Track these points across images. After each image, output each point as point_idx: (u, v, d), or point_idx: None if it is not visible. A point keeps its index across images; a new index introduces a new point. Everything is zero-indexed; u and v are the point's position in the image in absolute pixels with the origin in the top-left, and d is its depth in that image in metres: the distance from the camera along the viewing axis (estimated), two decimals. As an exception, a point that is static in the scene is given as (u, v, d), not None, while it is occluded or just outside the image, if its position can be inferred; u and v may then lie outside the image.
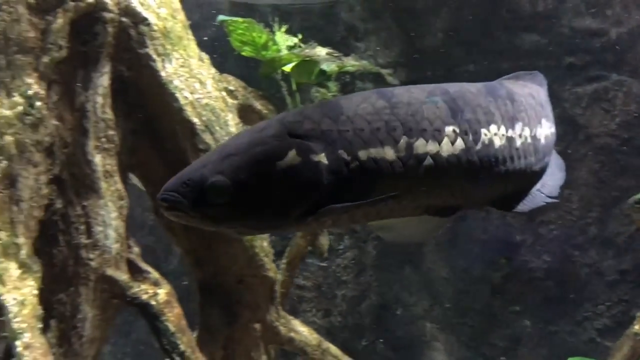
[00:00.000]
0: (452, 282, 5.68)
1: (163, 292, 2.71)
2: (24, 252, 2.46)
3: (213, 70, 3.01)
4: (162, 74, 2.72)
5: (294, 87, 3.24)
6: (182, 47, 2.83)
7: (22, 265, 2.45)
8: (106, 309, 2.73)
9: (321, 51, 3.13)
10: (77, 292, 2.65)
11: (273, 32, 3.24)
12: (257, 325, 3.06)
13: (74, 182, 2.65)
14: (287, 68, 3.23)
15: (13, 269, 2.42)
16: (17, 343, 2.30)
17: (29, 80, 2.48)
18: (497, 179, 1.41)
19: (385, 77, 3.47)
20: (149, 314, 2.68)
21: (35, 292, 2.43)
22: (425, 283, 5.75)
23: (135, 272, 2.77)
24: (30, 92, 2.47)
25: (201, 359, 2.66)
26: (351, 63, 3.18)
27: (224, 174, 1.15)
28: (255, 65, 3.69)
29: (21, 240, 2.47)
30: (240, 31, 3.14)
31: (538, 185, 1.55)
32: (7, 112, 2.44)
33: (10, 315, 2.34)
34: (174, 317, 2.68)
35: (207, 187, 1.15)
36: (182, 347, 2.63)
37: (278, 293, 3.13)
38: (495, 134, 1.37)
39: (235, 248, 2.95)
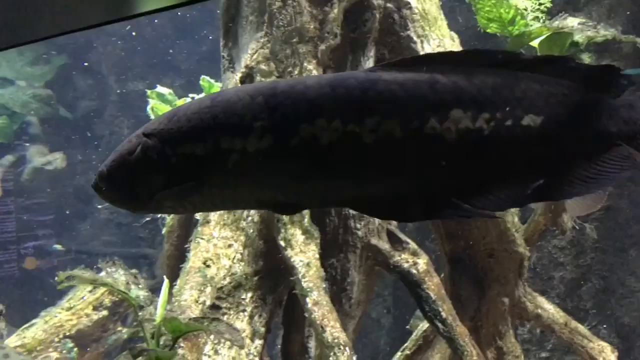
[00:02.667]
0: (689, 269, 5.21)
1: (422, 262, 2.87)
2: (306, 221, 2.77)
3: (461, 48, 3.08)
4: (422, 54, 2.84)
5: (540, 62, 3.19)
6: (437, 27, 2.93)
7: (305, 232, 2.75)
8: (370, 275, 2.97)
9: (573, 22, 3.03)
10: (346, 258, 2.91)
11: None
12: (505, 299, 3.11)
13: (343, 158, 2.90)
14: (534, 43, 3.18)
15: (299, 235, 2.73)
16: (307, 300, 2.60)
17: (310, 67, 2.75)
18: (333, 179, 1.30)
19: None
20: (411, 282, 2.86)
21: (317, 255, 2.72)
22: (655, 268, 5.35)
23: (395, 242, 2.97)
24: (311, 78, 2.75)
25: (461, 327, 2.78)
26: (602, 33, 3.04)
27: (106, 165, 1.44)
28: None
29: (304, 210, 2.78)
30: (487, 8, 3.16)
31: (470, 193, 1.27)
32: (292, 96, 2.74)
33: (300, 275, 2.65)
34: (434, 285, 2.83)
35: (97, 174, 1.45)
36: (443, 314, 2.77)
37: (526, 269, 3.14)
38: (322, 128, 1.27)
39: (487, 222, 3.01)
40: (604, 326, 5.30)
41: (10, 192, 6.75)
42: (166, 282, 2.37)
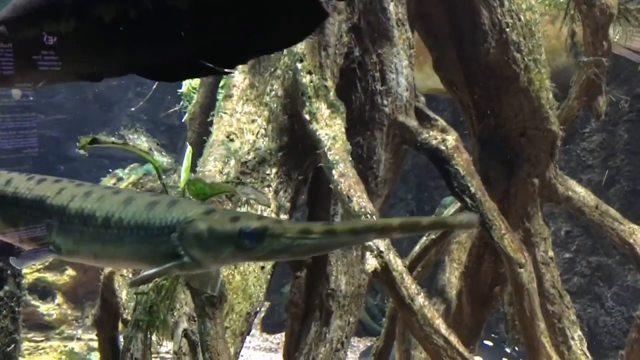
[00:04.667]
0: None
1: (451, 138, 2.78)
2: (331, 95, 2.67)
3: None
4: None
5: None
6: None
7: (331, 106, 2.66)
8: (397, 153, 2.90)
9: None
10: (372, 135, 2.83)
11: None
12: (535, 181, 3.03)
13: (370, 30, 2.77)
14: None
15: (324, 109, 2.65)
16: (333, 172, 2.55)
17: None
18: (121, 50, 1.50)
19: None
20: (439, 159, 2.78)
21: (343, 130, 2.64)
22: (688, 169, 5.21)
23: (424, 119, 2.87)
24: (335, -60, 2.58)
25: (490, 202, 2.72)
26: None
27: None
28: None
29: (329, 83, 2.68)
30: None
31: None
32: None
33: (326, 149, 2.58)
34: (463, 161, 2.75)
35: None
36: (472, 189, 2.70)
37: (558, 149, 3.04)
38: (104, 8, 1.45)
39: (520, 99, 2.90)
40: (631, 228, 5.25)
41: (31, 107, 6.74)
42: (189, 148, 2.33)
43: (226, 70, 1.45)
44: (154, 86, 5.16)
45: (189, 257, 1.65)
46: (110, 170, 4.98)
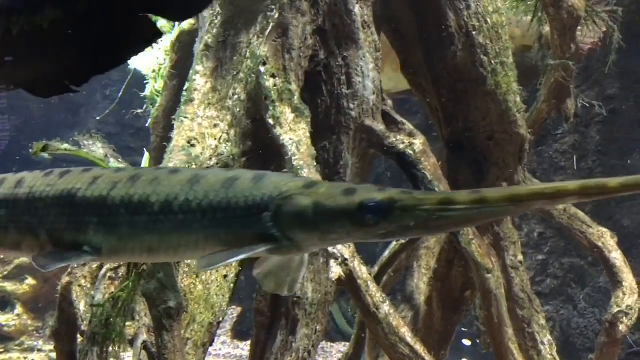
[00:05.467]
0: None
1: (419, 142, 2.74)
2: (296, 98, 2.61)
3: None
4: None
5: None
6: None
7: (295, 110, 2.60)
8: (364, 157, 2.85)
9: None
10: (339, 140, 2.78)
11: None
12: (504, 184, 3.00)
13: (335, 32, 2.72)
14: None
15: (288, 113, 2.59)
16: (298, 178, 2.49)
17: None
18: (18, 63, 1.48)
19: None
20: (406, 163, 2.74)
21: (308, 134, 2.59)
22: (659, 170, 5.25)
23: (391, 123, 2.83)
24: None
25: (458, 208, 2.67)
26: None
27: None
28: None
29: (293, 87, 2.62)
30: None
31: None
32: (279, -38, 2.53)
33: (290, 154, 2.53)
34: (430, 166, 2.72)
35: None
36: (440, 194, 2.67)
37: (526, 153, 3.02)
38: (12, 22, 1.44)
39: (487, 103, 2.87)
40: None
41: (4, 109, 6.62)
42: (146, 154, 2.26)
43: (74, 88, 1.43)
44: (121, 92, 5.05)
45: (286, 239, 1.38)
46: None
